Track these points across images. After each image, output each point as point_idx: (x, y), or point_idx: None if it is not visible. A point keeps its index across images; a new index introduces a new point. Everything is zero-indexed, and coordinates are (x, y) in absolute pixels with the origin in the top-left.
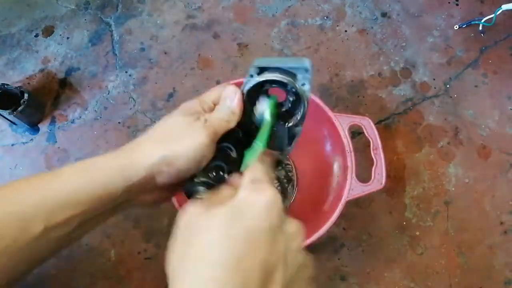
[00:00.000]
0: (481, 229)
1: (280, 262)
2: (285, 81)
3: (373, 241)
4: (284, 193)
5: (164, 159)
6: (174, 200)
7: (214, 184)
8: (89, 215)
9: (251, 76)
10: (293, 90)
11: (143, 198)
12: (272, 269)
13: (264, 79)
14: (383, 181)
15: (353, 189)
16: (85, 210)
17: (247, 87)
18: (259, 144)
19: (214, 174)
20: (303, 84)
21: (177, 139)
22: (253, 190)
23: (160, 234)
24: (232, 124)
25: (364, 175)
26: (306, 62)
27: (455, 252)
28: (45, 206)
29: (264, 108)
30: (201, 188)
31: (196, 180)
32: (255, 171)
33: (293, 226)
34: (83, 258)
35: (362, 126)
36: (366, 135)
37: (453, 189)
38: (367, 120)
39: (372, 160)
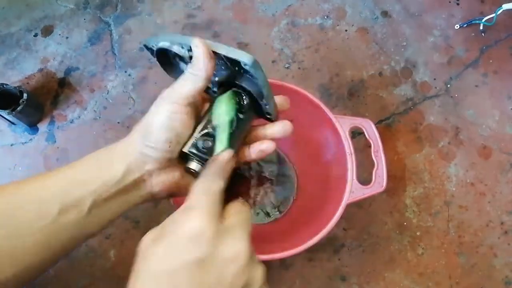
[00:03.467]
0: (481, 229)
1: None
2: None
3: (373, 241)
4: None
5: (139, 132)
6: (172, 198)
7: (203, 155)
8: (98, 197)
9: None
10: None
11: (157, 180)
12: None
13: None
14: (384, 183)
15: (353, 191)
16: (95, 189)
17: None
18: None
19: (202, 143)
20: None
21: (147, 116)
22: (180, 222)
23: None
24: (198, 84)
25: (364, 175)
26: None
27: (455, 252)
28: (59, 188)
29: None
30: (191, 162)
31: (183, 150)
32: (191, 195)
33: (229, 250)
34: (83, 258)
35: (363, 128)
36: (367, 137)
37: (453, 189)
38: (369, 122)
39: (372, 160)
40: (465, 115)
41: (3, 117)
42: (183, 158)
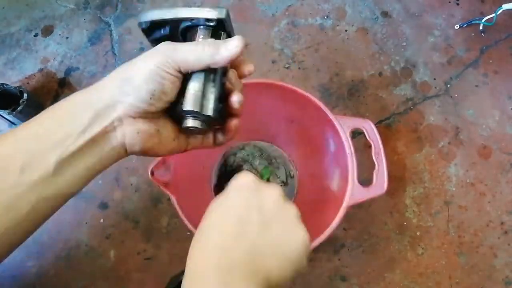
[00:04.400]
0: (481, 229)
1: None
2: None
3: (373, 241)
4: None
5: (115, 78)
6: (173, 200)
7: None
8: (65, 151)
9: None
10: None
11: (130, 129)
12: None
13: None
14: (385, 185)
15: (354, 194)
16: (58, 142)
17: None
18: None
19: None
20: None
21: (130, 63)
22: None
23: (160, 234)
24: (202, 62)
25: (364, 175)
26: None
27: (455, 252)
28: (20, 144)
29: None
30: (188, 120)
31: (184, 108)
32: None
33: (271, 192)
34: (83, 258)
35: (364, 130)
36: (368, 139)
37: (453, 189)
38: (369, 123)
39: (372, 160)
40: (465, 115)
41: (3, 117)
42: (176, 118)
